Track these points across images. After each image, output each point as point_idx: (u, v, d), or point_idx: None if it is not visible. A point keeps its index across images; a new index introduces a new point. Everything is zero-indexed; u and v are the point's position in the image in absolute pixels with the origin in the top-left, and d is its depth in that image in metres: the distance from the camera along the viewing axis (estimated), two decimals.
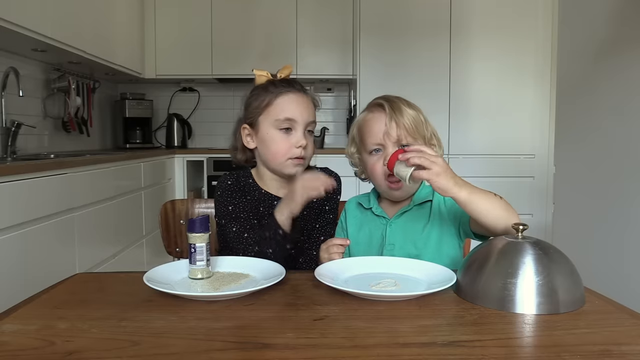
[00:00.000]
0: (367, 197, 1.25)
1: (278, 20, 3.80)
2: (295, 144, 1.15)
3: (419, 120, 1.13)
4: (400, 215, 1.16)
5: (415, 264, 0.98)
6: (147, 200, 2.98)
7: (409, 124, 1.10)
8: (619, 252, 2.46)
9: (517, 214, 0.95)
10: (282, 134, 1.16)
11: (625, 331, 0.71)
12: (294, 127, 1.16)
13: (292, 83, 1.20)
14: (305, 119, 1.17)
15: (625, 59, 2.43)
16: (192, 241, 0.93)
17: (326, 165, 1.30)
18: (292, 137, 1.16)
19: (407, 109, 1.12)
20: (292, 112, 1.15)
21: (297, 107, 1.16)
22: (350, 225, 1.24)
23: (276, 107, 1.16)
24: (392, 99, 1.14)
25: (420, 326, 0.72)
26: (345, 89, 4.16)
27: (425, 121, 1.14)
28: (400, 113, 1.11)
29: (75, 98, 3.10)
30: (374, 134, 1.12)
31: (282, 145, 1.16)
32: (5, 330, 0.71)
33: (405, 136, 1.10)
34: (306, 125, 1.18)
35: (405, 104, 1.13)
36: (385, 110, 1.12)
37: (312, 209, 1.24)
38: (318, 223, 1.27)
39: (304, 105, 1.18)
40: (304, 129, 1.17)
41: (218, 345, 0.67)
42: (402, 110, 1.11)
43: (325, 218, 1.27)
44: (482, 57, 3.41)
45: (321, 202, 1.26)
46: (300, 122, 1.16)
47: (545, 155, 3.41)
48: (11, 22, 2.10)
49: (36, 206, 1.83)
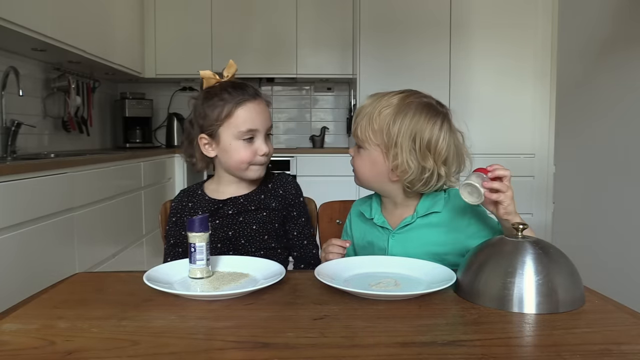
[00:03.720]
0: (368, 205, 1.20)
1: (278, 19, 3.80)
2: (258, 153, 1.19)
3: (380, 129, 1.05)
4: (402, 228, 1.11)
5: (415, 263, 0.98)
6: (147, 200, 2.98)
7: (364, 123, 1.08)
8: (619, 252, 2.46)
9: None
10: (245, 143, 1.19)
11: (625, 331, 0.71)
12: (256, 136, 1.19)
13: (246, 89, 1.20)
14: (265, 127, 1.21)
15: (626, 58, 2.43)
16: (192, 240, 0.93)
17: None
18: (255, 145, 1.19)
19: (374, 114, 1.06)
20: (253, 123, 1.18)
21: (257, 117, 1.19)
22: (355, 232, 1.23)
23: (237, 118, 1.17)
24: (389, 94, 1.10)
25: (420, 326, 0.72)
26: (345, 88, 4.16)
27: (388, 131, 1.04)
28: (369, 107, 1.09)
29: (75, 97, 3.10)
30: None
31: (245, 154, 1.19)
32: (5, 330, 0.71)
33: (356, 134, 1.10)
34: (266, 132, 1.22)
35: (384, 108, 1.06)
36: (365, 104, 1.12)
37: (269, 222, 1.25)
38: (296, 230, 1.29)
39: (263, 113, 1.21)
40: (264, 135, 1.21)
41: (218, 345, 0.67)
42: (375, 105, 1.08)
43: (298, 223, 1.30)
44: (482, 56, 3.41)
45: (285, 211, 1.28)
46: (262, 130, 1.20)
47: (545, 155, 3.42)
48: (11, 21, 2.10)
49: (36, 206, 1.83)
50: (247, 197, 1.24)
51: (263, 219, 1.23)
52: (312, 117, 4.24)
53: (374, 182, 1.12)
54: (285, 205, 1.27)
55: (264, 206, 1.24)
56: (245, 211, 1.23)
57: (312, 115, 4.24)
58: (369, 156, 1.09)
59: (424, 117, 1.06)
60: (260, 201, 1.24)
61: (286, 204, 1.27)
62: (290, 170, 3.50)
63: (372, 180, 1.12)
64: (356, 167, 1.13)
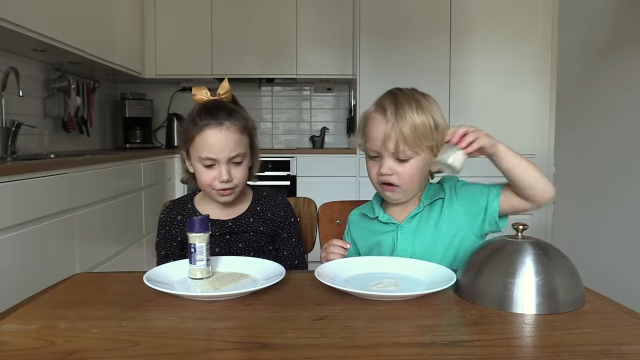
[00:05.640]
0: (370, 206, 1.20)
1: (278, 20, 3.80)
2: (218, 179, 1.18)
3: (426, 128, 1.05)
4: (411, 219, 1.12)
5: (415, 263, 0.98)
6: (147, 200, 2.98)
7: (410, 134, 1.03)
8: (619, 252, 2.46)
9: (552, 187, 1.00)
10: (205, 169, 1.19)
11: (625, 331, 0.71)
12: (216, 163, 1.18)
13: (216, 114, 1.18)
14: (225, 156, 1.17)
15: (626, 58, 2.43)
16: (192, 241, 0.93)
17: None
18: (214, 171, 1.18)
19: (413, 114, 1.04)
20: (210, 151, 1.16)
21: (216, 145, 1.16)
22: (357, 238, 1.22)
23: (198, 144, 1.17)
24: (400, 101, 1.06)
25: (420, 326, 0.72)
26: (345, 88, 4.16)
27: (434, 128, 1.06)
28: (402, 121, 1.04)
29: (75, 98, 3.10)
30: (373, 140, 1.08)
31: (206, 178, 1.19)
32: (5, 330, 0.71)
33: (404, 149, 1.04)
34: (228, 160, 1.18)
35: (413, 107, 1.05)
36: (386, 116, 1.05)
37: (256, 241, 1.26)
38: (286, 250, 1.30)
39: (224, 141, 1.16)
40: (226, 163, 1.18)
41: (218, 345, 0.67)
42: (405, 117, 1.04)
43: (289, 244, 1.30)
44: (482, 57, 3.41)
45: (274, 233, 1.28)
46: (221, 158, 1.17)
47: (545, 155, 3.42)
48: (11, 22, 2.10)
49: (36, 206, 1.83)
50: (236, 221, 1.25)
51: (249, 238, 1.25)
52: (312, 117, 4.24)
53: (421, 185, 1.13)
54: (274, 228, 1.28)
55: (251, 229, 1.25)
56: (231, 232, 1.24)
57: (312, 116, 4.24)
58: (420, 162, 1.08)
59: (432, 101, 1.11)
60: (249, 224, 1.25)
61: (274, 226, 1.28)
62: (290, 170, 3.50)
63: (421, 184, 1.13)
64: (406, 179, 1.08)
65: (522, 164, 1.00)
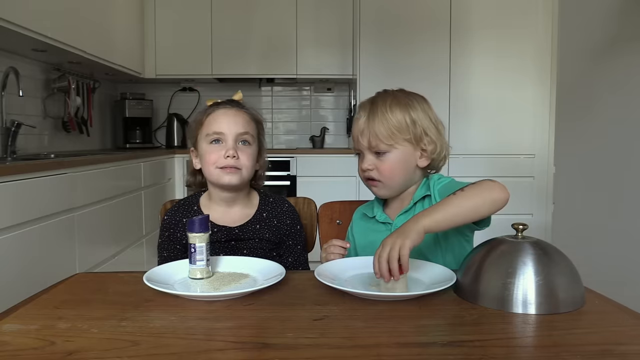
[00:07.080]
0: (371, 206, 1.24)
1: (278, 19, 3.80)
2: (224, 154, 1.19)
3: (401, 123, 1.08)
4: (402, 217, 1.14)
5: (415, 264, 0.98)
6: (147, 200, 2.98)
7: (382, 129, 1.08)
8: (619, 252, 2.46)
9: (498, 187, 0.94)
10: (213, 146, 1.21)
11: (625, 331, 0.71)
12: (223, 139, 1.21)
13: (227, 102, 1.25)
14: (233, 131, 1.20)
15: (626, 58, 2.43)
16: (192, 241, 0.93)
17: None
18: (221, 149, 1.20)
19: (386, 110, 1.09)
20: (218, 126, 1.20)
21: (224, 120, 1.21)
22: (356, 235, 1.24)
23: (207, 124, 1.22)
24: (376, 100, 1.12)
25: (420, 326, 0.72)
26: (345, 89, 4.16)
27: (412, 122, 1.09)
28: (375, 119, 1.09)
29: (75, 98, 3.10)
30: (355, 138, 1.14)
31: (212, 156, 1.20)
32: (5, 330, 0.71)
33: (377, 143, 1.09)
34: (236, 137, 1.21)
35: (387, 104, 1.09)
36: (362, 114, 1.12)
37: (260, 248, 1.26)
38: (291, 257, 1.30)
39: (233, 118, 1.22)
40: (233, 140, 1.20)
41: (218, 345, 0.67)
42: (377, 113, 1.09)
43: (294, 251, 1.30)
44: (482, 57, 3.41)
45: (279, 240, 1.28)
46: (228, 133, 1.20)
47: (545, 155, 3.41)
48: (11, 22, 2.10)
49: (36, 206, 1.83)
50: (242, 228, 1.25)
51: (254, 245, 1.25)
52: (312, 117, 4.24)
53: (405, 179, 1.14)
54: (280, 235, 1.28)
55: (257, 236, 1.25)
56: (237, 239, 1.24)
57: (312, 116, 4.24)
58: (399, 156, 1.10)
59: (419, 99, 1.14)
60: (255, 231, 1.25)
61: (280, 234, 1.28)
62: (290, 170, 3.50)
63: (404, 178, 1.13)
64: (386, 174, 1.11)
65: (464, 207, 0.92)
